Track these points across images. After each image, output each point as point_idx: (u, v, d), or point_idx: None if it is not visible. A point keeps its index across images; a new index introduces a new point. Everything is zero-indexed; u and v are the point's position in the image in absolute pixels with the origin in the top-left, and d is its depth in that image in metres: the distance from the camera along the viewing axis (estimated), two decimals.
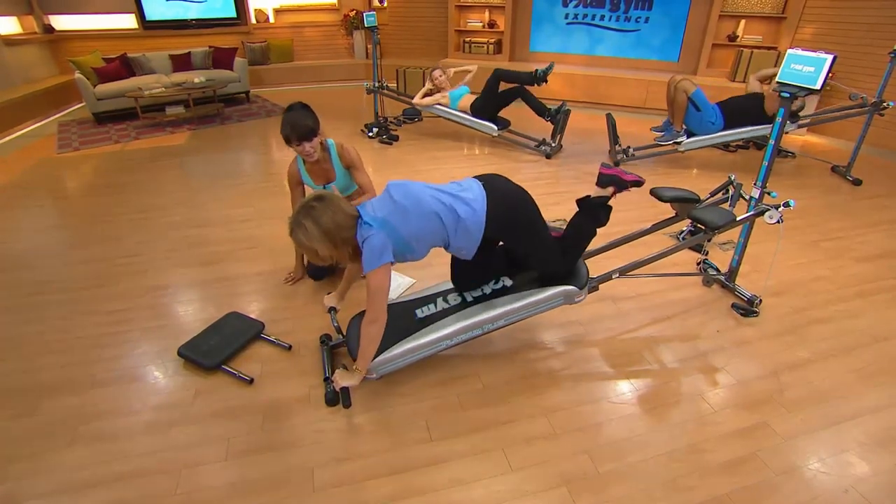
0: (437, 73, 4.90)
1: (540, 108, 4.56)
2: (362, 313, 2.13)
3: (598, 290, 2.17)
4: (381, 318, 1.72)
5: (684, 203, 2.28)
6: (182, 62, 6.52)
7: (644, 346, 2.22)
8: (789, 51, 2.09)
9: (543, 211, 1.99)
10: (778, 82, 2.12)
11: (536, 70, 4.43)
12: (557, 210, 3.53)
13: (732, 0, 5.80)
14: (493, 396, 1.95)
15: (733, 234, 2.59)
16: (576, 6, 6.55)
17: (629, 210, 3.53)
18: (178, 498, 1.57)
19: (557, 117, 4.50)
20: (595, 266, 2.34)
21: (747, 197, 2.38)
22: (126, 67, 6.14)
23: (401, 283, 2.68)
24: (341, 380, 1.80)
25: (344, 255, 1.74)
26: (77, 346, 2.28)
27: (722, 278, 2.60)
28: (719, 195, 2.47)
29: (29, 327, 2.41)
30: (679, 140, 4.19)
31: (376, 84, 5.31)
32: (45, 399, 1.97)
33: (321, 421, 1.86)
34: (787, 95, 2.10)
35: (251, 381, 2.03)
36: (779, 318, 2.41)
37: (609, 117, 4.35)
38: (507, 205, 1.84)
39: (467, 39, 7.30)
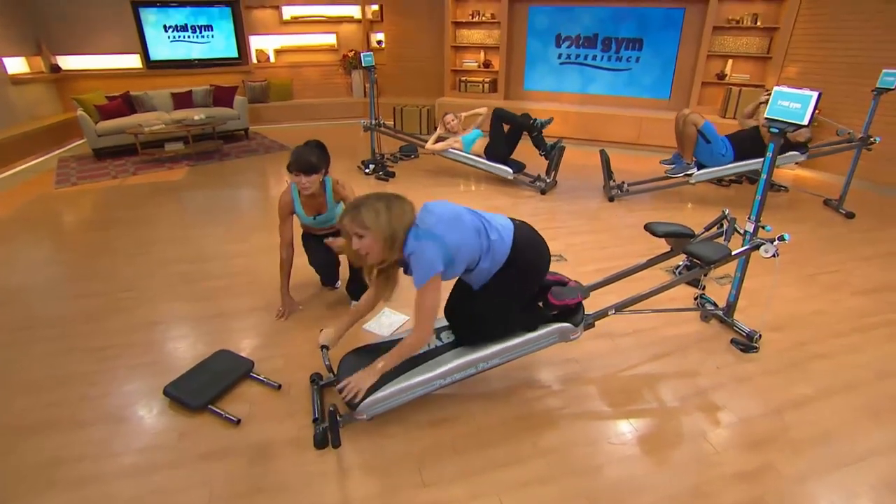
0: (448, 117, 4.97)
1: (541, 143, 4.64)
2: (355, 351, 2.10)
3: (593, 326, 2.14)
4: (426, 336, 1.75)
5: (679, 238, 2.28)
6: (183, 100, 6.67)
7: (643, 384, 2.17)
8: (776, 88, 2.14)
9: None
10: (767, 118, 2.16)
11: (535, 120, 4.53)
12: (554, 245, 3.48)
13: (720, 41, 6.01)
14: (487, 438, 1.89)
15: (730, 268, 2.58)
16: (568, 47, 6.77)
17: (625, 245, 3.54)
18: None
19: (552, 154, 4.57)
20: (591, 302, 2.32)
21: (742, 231, 2.38)
22: (128, 105, 6.27)
23: (394, 321, 2.64)
24: (361, 382, 1.77)
25: (386, 256, 1.69)
26: (63, 384, 2.22)
27: (720, 313, 2.58)
28: (714, 230, 2.48)
29: (14, 364, 2.35)
30: (690, 172, 4.24)
31: (373, 122, 5.41)
32: (23, 440, 1.89)
33: (310, 464, 1.79)
34: (777, 131, 2.14)
35: (238, 422, 1.96)
36: (779, 354, 2.37)
37: (603, 154, 4.42)
38: (531, 244, 1.90)
39: (463, 79, 7.50)
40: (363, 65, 5.27)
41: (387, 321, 2.64)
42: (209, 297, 2.92)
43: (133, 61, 7.34)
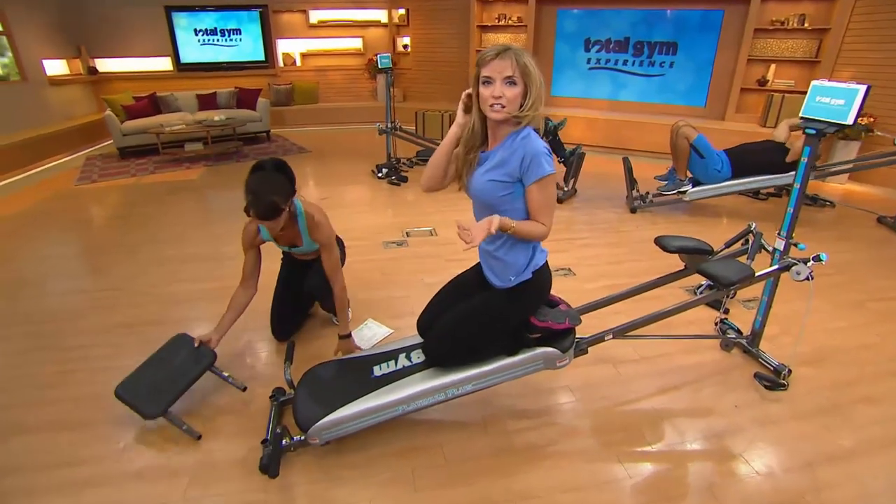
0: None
1: (558, 148, 4.37)
2: (320, 366, 1.91)
3: (586, 353, 1.86)
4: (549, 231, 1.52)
5: (694, 254, 1.98)
6: (208, 101, 6.75)
7: (645, 421, 1.87)
8: (814, 83, 1.82)
9: (552, 256, 1.76)
10: (802, 118, 1.85)
11: (548, 123, 4.27)
12: (564, 258, 3.25)
13: (761, 44, 5.58)
14: (455, 474, 1.64)
15: (759, 290, 2.24)
16: (598, 51, 6.47)
17: (643, 260, 3.22)
18: None
19: (571, 160, 4.29)
20: (593, 323, 2.05)
21: (770, 249, 2.06)
22: (154, 106, 6.38)
23: (376, 333, 2.43)
24: (477, 233, 1.41)
25: (516, 113, 1.41)
26: (22, 384, 2.13)
27: (743, 342, 2.24)
28: (737, 245, 2.16)
29: None
30: (683, 189, 3.92)
31: (389, 125, 5.27)
32: None
33: (252, 491, 1.59)
34: (813, 132, 1.82)
35: (199, 438, 1.78)
36: (813, 394, 2.02)
37: (626, 161, 4.11)
38: (549, 276, 1.69)
39: None
40: (379, 66, 5.15)
41: (368, 333, 2.44)
42: (193, 299, 2.80)
43: (164, 64, 7.53)
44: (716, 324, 2.41)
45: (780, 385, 2.02)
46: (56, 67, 6.76)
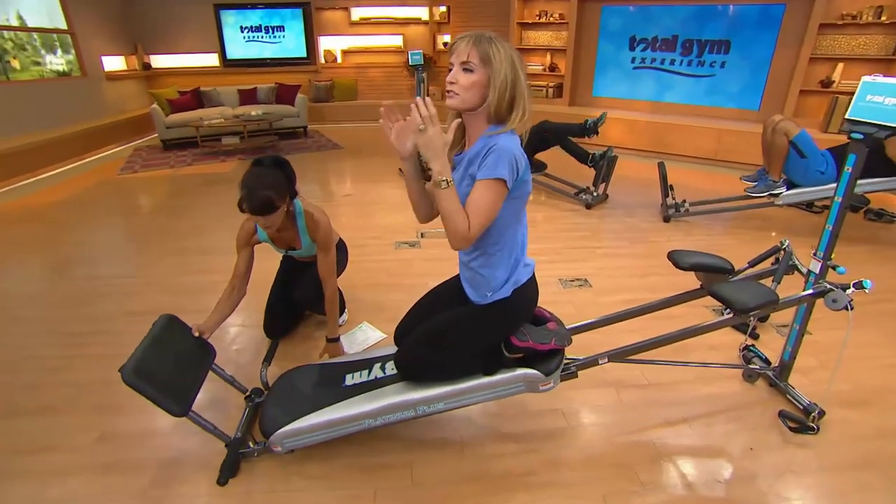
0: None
1: (581, 155, 4.14)
2: (296, 369, 1.84)
3: (576, 376, 1.68)
4: (470, 235, 1.26)
5: (711, 273, 1.76)
6: (248, 96, 6.93)
7: (642, 458, 1.67)
8: (865, 78, 1.57)
9: (566, 265, 1.60)
10: (847, 120, 1.59)
11: (587, 121, 4.04)
12: (582, 267, 3.04)
13: (828, 41, 5.07)
14: (420, 499, 1.52)
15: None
16: (643, 50, 6.12)
17: (669, 274, 2.94)
18: None
19: (600, 163, 4.04)
20: (597, 340, 1.88)
21: (804, 270, 1.80)
22: (197, 100, 6.62)
23: (369, 337, 2.34)
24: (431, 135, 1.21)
25: (478, 104, 1.28)
26: (26, 366, 2.19)
27: (770, 373, 1.98)
28: (767, 264, 1.90)
29: None
30: (777, 192, 3.50)
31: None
32: None
33: (210, 495, 1.54)
34: (861, 137, 1.56)
35: (229, 442, 1.62)
36: (850, 442, 1.74)
37: (661, 166, 3.82)
38: (534, 298, 1.54)
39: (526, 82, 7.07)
40: (411, 63, 5.08)
41: (361, 337, 2.35)
42: (202, 291, 2.79)
43: (212, 60, 7.81)
44: (741, 350, 2.15)
45: (809, 428, 1.76)
46: (114, 63, 7.15)
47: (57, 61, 6.61)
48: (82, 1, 6.48)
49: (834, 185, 3.21)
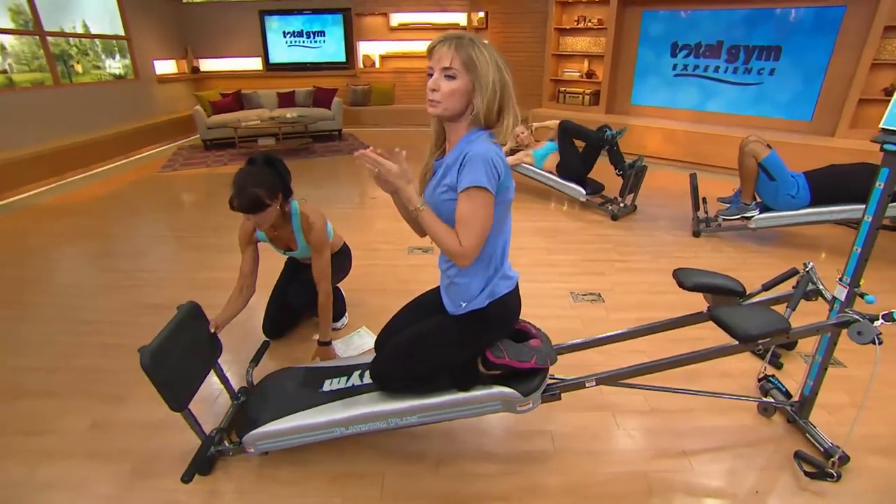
0: (518, 129, 4.57)
1: (618, 161, 3.97)
2: (281, 371, 1.83)
3: (559, 398, 1.57)
4: (468, 252, 1.22)
5: (719, 295, 1.61)
6: (287, 99, 7.13)
7: (631, 492, 1.54)
8: None
9: (581, 279, 1.52)
10: (883, 130, 1.42)
11: (606, 131, 3.88)
12: (598, 281, 2.90)
13: (894, 45, 4.66)
14: None
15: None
16: (685, 56, 5.85)
17: (684, 293, 2.76)
18: None
19: (629, 173, 3.86)
20: (597, 360, 1.76)
21: (829, 296, 1.62)
22: (238, 102, 6.87)
23: (366, 342, 2.31)
24: (389, 169, 1.22)
25: (461, 110, 1.24)
26: (41, 351, 2.30)
27: (788, 408, 1.79)
28: (783, 286, 1.73)
29: (16, 324, 2.50)
30: (749, 215, 3.36)
31: None
32: None
33: (180, 491, 1.54)
34: (893, 149, 1.39)
35: (210, 436, 1.62)
36: (876, 495, 1.54)
37: (692, 178, 3.60)
38: (514, 312, 1.48)
39: (562, 89, 6.93)
40: None
41: (358, 341, 2.33)
42: (217, 287, 2.83)
43: (255, 64, 8.11)
44: (758, 380, 1.97)
45: (829, 474, 1.57)
46: (165, 67, 7.56)
47: (115, 65, 7.05)
48: (140, 8, 6.89)
49: (808, 210, 3.04)
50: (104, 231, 3.82)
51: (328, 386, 1.66)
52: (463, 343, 1.42)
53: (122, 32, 6.70)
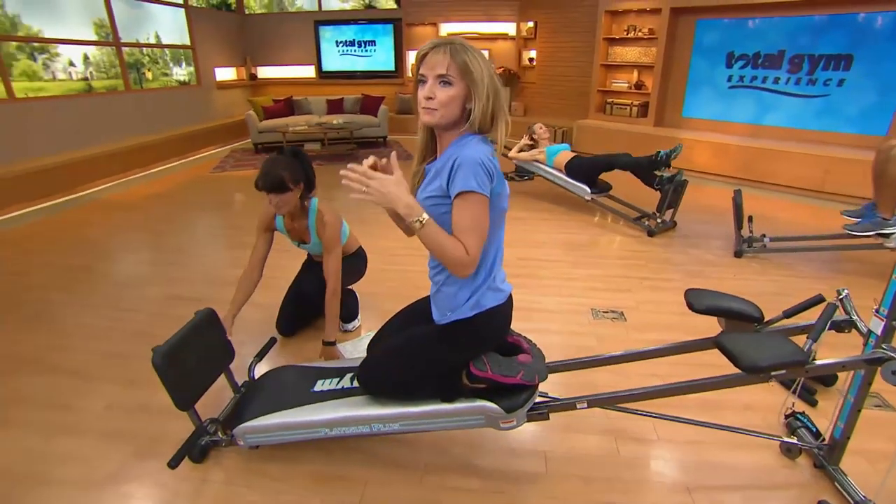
0: (537, 125, 4.56)
1: (649, 179, 3.80)
2: (282, 368, 1.87)
3: (547, 418, 1.49)
4: (469, 259, 1.18)
5: (735, 320, 1.48)
6: (335, 106, 7.37)
7: None
8: None
9: (605, 295, 1.48)
10: None
11: (659, 153, 3.72)
12: (623, 298, 2.77)
13: None
14: None
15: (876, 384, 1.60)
16: (743, 67, 5.52)
17: (701, 315, 2.58)
18: None
19: (666, 187, 3.68)
20: (599, 381, 1.67)
21: (864, 329, 1.45)
22: (289, 108, 7.18)
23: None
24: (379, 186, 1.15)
25: (455, 118, 1.22)
26: (74, 332, 2.47)
27: (816, 450, 1.62)
28: (817, 316, 1.56)
29: (62, 307, 2.71)
30: (888, 232, 2.89)
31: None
32: (10, 371, 2.14)
33: (172, 476, 1.59)
34: None
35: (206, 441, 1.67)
36: None
37: (737, 194, 3.38)
38: (503, 325, 1.43)
39: (610, 100, 6.74)
40: None
41: (367, 344, 2.32)
42: (235, 284, 2.96)
43: (309, 72, 8.46)
44: (786, 416, 1.79)
45: None
46: (225, 74, 8.03)
47: (181, 72, 7.57)
48: (205, 20, 7.39)
49: None
50: (153, 227, 4.08)
51: (320, 386, 1.67)
52: (445, 353, 1.39)
53: (188, 42, 7.19)
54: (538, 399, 1.48)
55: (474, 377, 1.39)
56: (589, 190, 3.99)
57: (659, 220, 3.83)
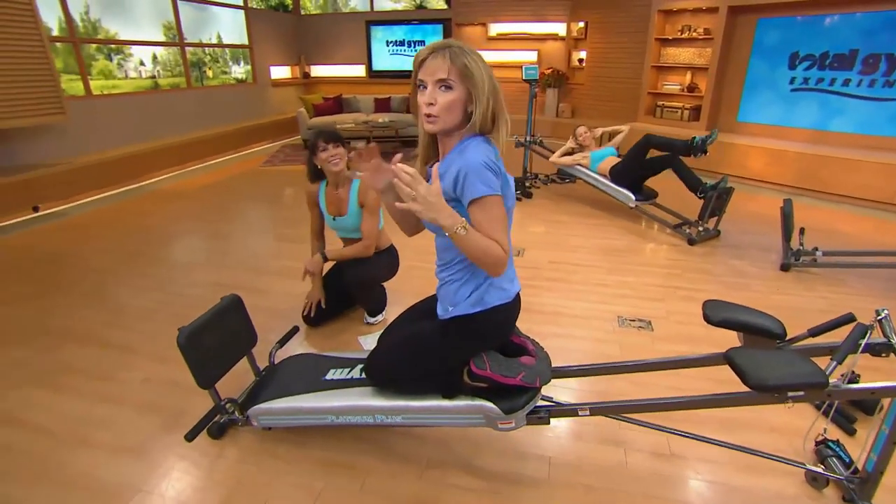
0: (581, 129, 4.47)
1: (693, 183, 3.64)
2: (299, 356, 1.94)
3: (548, 423, 1.47)
4: (503, 254, 1.17)
5: (755, 335, 1.41)
6: (383, 105, 7.52)
7: None
8: None
9: (634, 303, 1.48)
10: None
11: (694, 138, 3.56)
12: (652, 308, 2.68)
13: None
14: None
15: None
16: (807, 68, 5.16)
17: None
18: (36, 467, 1.62)
19: (709, 194, 3.50)
20: (614, 388, 1.64)
21: None
22: (338, 106, 7.40)
23: None
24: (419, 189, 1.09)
25: (456, 125, 1.23)
26: (125, 311, 2.68)
27: (845, 482, 1.50)
28: (845, 335, 1.45)
29: (117, 289, 2.94)
30: None
31: (528, 139, 5.11)
32: (63, 342, 2.36)
33: (192, 450, 1.71)
34: None
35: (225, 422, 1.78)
36: None
37: (786, 204, 3.17)
38: (507, 324, 1.45)
39: (660, 103, 6.49)
40: (524, 78, 5.04)
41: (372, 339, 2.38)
42: (278, 274, 3.09)
43: (360, 71, 8.68)
44: (816, 443, 1.67)
45: None
46: (280, 72, 8.38)
47: (238, 70, 7.98)
48: (263, 20, 7.75)
49: None
50: (205, 216, 4.34)
51: (331, 375, 1.73)
52: (447, 349, 1.40)
53: (246, 42, 7.56)
54: (540, 402, 1.47)
55: (474, 375, 1.39)
56: (634, 197, 3.87)
57: (701, 229, 3.66)
